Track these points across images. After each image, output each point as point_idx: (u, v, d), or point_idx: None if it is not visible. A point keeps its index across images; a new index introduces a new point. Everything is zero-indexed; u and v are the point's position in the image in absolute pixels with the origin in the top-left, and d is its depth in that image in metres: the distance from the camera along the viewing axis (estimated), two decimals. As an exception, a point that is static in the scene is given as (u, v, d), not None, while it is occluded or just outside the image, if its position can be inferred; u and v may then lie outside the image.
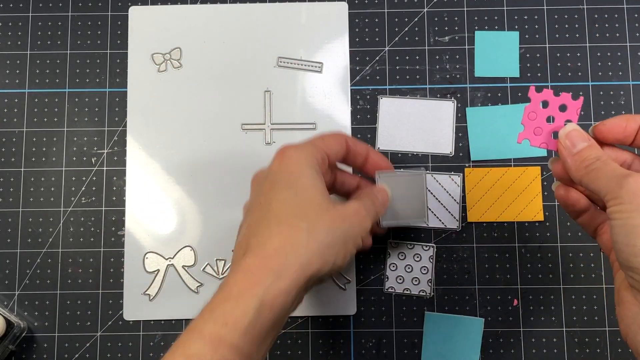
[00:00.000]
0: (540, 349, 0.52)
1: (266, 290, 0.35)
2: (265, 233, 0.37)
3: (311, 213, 0.37)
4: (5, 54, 0.56)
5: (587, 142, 0.38)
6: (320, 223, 0.37)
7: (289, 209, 0.38)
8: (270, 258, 0.36)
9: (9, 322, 0.50)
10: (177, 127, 0.55)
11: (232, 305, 0.34)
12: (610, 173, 0.35)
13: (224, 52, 0.56)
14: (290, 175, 0.39)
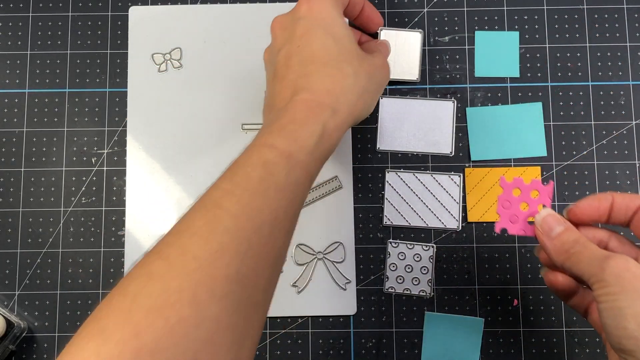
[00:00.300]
0: (540, 349, 0.52)
1: (326, 122, 0.37)
2: (315, 74, 0.39)
3: (353, 60, 0.40)
4: (5, 54, 0.56)
5: (563, 225, 0.38)
6: (361, 70, 0.40)
7: (333, 55, 0.40)
8: (325, 96, 0.38)
9: (9, 322, 0.50)
10: (177, 127, 0.55)
11: (299, 127, 0.36)
12: (590, 256, 0.35)
13: (224, 52, 0.56)
14: (323, 22, 0.40)
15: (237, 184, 0.34)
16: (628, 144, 0.54)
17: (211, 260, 0.31)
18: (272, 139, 0.36)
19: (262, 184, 0.34)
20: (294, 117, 0.37)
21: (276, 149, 0.35)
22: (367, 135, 0.55)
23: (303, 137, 0.36)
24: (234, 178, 0.35)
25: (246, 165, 0.35)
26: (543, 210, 0.40)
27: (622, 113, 0.54)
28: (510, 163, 0.54)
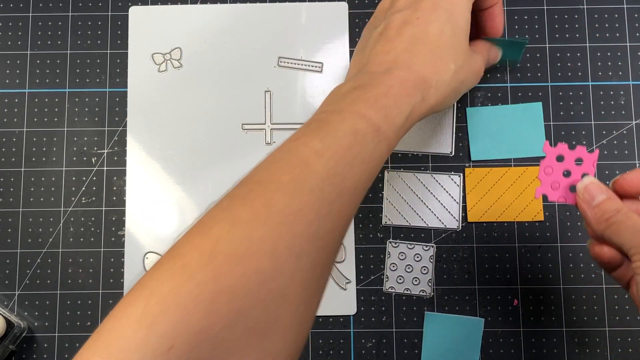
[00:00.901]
0: (540, 349, 0.52)
1: (415, 105, 0.37)
2: (420, 55, 0.39)
3: (460, 57, 0.40)
4: (5, 54, 0.56)
5: (605, 194, 0.38)
6: (462, 70, 0.40)
7: (444, 44, 0.39)
8: (421, 81, 0.38)
9: (9, 322, 0.50)
10: (177, 127, 0.55)
11: (393, 103, 0.36)
12: (633, 227, 0.35)
13: (224, 52, 0.56)
14: (451, 6, 0.40)
15: (327, 147, 0.34)
16: (628, 144, 0.54)
17: (294, 217, 0.31)
18: (365, 109, 0.36)
19: (350, 152, 0.34)
20: (388, 91, 0.37)
21: (368, 121, 0.35)
22: (367, 135, 0.54)
23: (393, 115, 0.36)
24: (325, 140, 0.34)
25: (338, 129, 0.35)
26: (586, 178, 0.40)
27: (622, 113, 0.54)
28: (510, 163, 0.54)
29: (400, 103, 0.37)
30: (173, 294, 0.28)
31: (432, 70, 0.39)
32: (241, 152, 0.54)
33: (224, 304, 0.29)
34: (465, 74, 0.41)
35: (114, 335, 0.29)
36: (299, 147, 0.34)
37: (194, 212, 0.54)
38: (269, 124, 0.55)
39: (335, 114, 0.36)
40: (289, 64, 0.56)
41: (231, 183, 0.54)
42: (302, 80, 0.55)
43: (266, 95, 0.55)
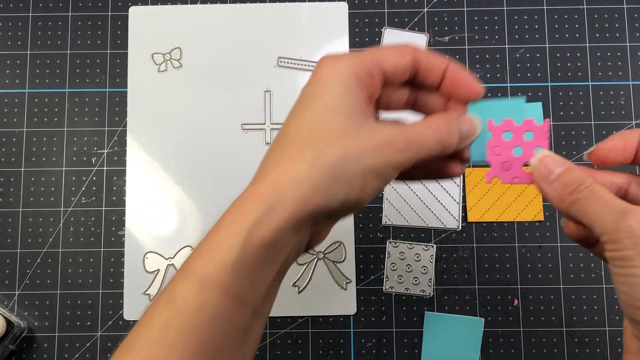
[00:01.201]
0: (540, 349, 0.52)
1: (255, 224, 0.30)
2: (270, 162, 0.33)
3: (324, 139, 0.32)
4: (5, 54, 0.56)
5: (563, 165, 0.33)
6: (330, 152, 0.31)
7: (302, 133, 0.33)
8: (266, 189, 0.31)
9: (9, 322, 0.50)
10: (177, 127, 0.55)
11: (219, 239, 0.31)
12: (602, 206, 0.30)
13: (224, 52, 0.56)
14: (315, 92, 0.34)
15: (137, 335, 0.29)
16: (628, 144, 0.54)
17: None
18: (190, 262, 0.31)
19: (167, 330, 0.29)
20: (217, 227, 0.31)
21: (190, 276, 0.30)
22: (367, 135, 0.54)
23: (221, 252, 0.30)
24: (139, 324, 0.30)
25: (156, 303, 0.30)
26: (539, 151, 0.35)
27: (622, 113, 0.54)
28: (510, 163, 0.54)
29: (229, 235, 0.30)
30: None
31: (283, 168, 0.31)
32: (241, 152, 0.54)
33: None
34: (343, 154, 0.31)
35: None
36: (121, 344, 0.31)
37: (194, 212, 0.54)
38: (269, 124, 0.55)
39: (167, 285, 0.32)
40: (288, 64, 0.56)
41: (231, 183, 0.54)
42: (302, 80, 0.55)
43: (266, 95, 0.55)
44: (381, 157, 0.32)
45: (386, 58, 0.34)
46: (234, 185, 0.54)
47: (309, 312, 0.53)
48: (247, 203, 0.31)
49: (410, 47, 0.35)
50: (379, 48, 0.35)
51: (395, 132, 0.32)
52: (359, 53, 0.34)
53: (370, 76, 0.34)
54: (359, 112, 0.33)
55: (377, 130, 0.32)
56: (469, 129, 0.35)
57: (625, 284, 0.29)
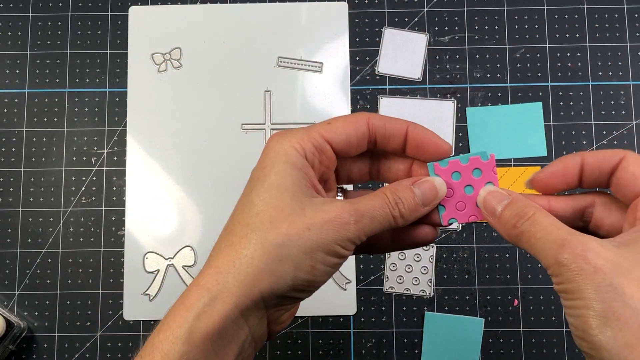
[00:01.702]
0: (540, 349, 0.52)
1: (198, 316, 0.29)
2: (216, 248, 0.32)
3: (266, 221, 0.31)
4: (5, 54, 0.56)
5: (507, 198, 0.32)
6: (273, 233, 0.30)
7: (246, 217, 0.31)
8: (209, 279, 0.30)
9: (9, 322, 0.50)
10: (177, 127, 0.55)
11: (163, 336, 0.29)
12: (543, 239, 0.29)
13: (224, 52, 0.56)
14: (261, 173, 0.32)
15: None
16: (628, 144, 0.54)
17: None
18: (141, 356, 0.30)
19: None
20: (163, 322, 0.30)
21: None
22: (367, 135, 0.54)
23: (164, 352, 0.29)
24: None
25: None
26: (483, 189, 0.34)
27: (622, 113, 0.54)
28: (510, 163, 0.54)
29: (171, 331, 0.29)
30: None
31: (225, 255, 0.30)
32: (241, 152, 0.54)
33: None
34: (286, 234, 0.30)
35: None
36: None
37: (194, 212, 0.54)
38: (269, 124, 0.55)
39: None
40: (288, 64, 0.56)
41: (231, 183, 0.54)
42: (302, 80, 0.55)
43: (266, 95, 0.55)
44: (328, 234, 0.31)
45: (337, 131, 0.33)
46: (234, 185, 0.54)
47: (309, 312, 0.53)
48: (191, 294, 0.30)
49: (363, 115, 0.34)
50: (331, 120, 0.34)
51: (342, 207, 0.31)
52: (308, 128, 0.33)
53: (320, 151, 0.33)
54: (305, 189, 0.32)
55: (323, 207, 0.31)
56: (427, 191, 0.33)
57: (571, 315, 0.28)
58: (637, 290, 0.27)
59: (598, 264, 0.27)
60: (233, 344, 0.30)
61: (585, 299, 0.27)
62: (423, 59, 0.55)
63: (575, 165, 0.32)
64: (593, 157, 0.32)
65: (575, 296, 0.28)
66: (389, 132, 0.34)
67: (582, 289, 0.27)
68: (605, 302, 0.27)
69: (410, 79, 0.55)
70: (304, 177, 0.32)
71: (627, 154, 0.31)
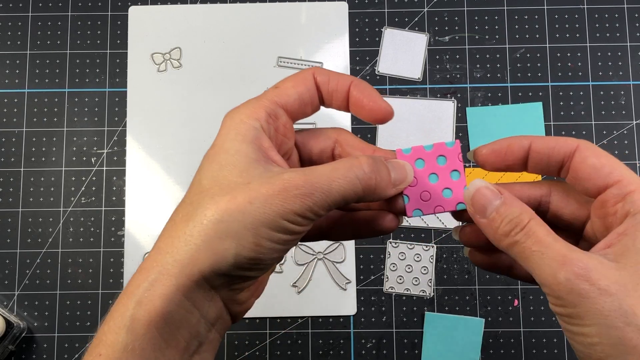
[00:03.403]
0: (540, 349, 0.52)
1: (138, 302, 0.27)
2: (164, 227, 0.30)
3: (208, 197, 0.29)
4: (5, 54, 0.56)
5: (499, 198, 0.29)
6: (212, 209, 0.28)
7: (190, 196, 0.30)
8: (150, 262, 0.28)
9: (8, 322, 0.50)
10: (177, 127, 0.55)
11: (106, 327, 0.28)
12: (539, 254, 0.27)
13: (224, 52, 0.56)
14: (214, 150, 0.32)
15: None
16: (628, 144, 0.54)
17: None
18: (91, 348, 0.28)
19: None
20: (108, 314, 0.29)
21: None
22: (367, 135, 0.55)
23: (108, 344, 0.27)
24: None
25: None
26: (473, 182, 0.31)
27: (622, 113, 0.54)
28: (510, 163, 0.54)
29: (113, 322, 0.28)
30: None
31: (166, 234, 0.29)
32: (241, 152, 0.54)
33: None
34: (226, 208, 0.28)
35: None
36: None
37: (194, 212, 0.54)
38: (269, 124, 0.55)
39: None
40: (288, 63, 0.56)
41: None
42: (302, 80, 0.55)
43: (266, 95, 0.55)
44: (272, 207, 0.28)
45: (288, 92, 0.32)
46: (233, 185, 0.54)
47: (309, 313, 0.53)
48: (133, 280, 0.28)
49: (309, 70, 0.33)
50: (279, 84, 0.33)
51: (290, 178, 0.28)
52: (258, 97, 0.32)
53: (275, 118, 0.32)
54: (258, 162, 0.30)
55: (273, 178, 0.28)
56: (398, 170, 0.31)
57: (579, 343, 0.26)
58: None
59: (602, 285, 0.25)
60: (183, 329, 0.28)
61: (595, 325, 0.25)
62: (423, 59, 0.55)
63: (521, 148, 0.31)
64: (543, 143, 0.30)
65: (582, 322, 0.25)
66: (332, 87, 0.33)
67: (590, 316, 0.25)
68: (618, 329, 0.25)
69: (410, 79, 0.55)
70: (257, 150, 0.30)
71: (580, 144, 0.29)
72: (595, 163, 0.29)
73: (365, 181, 0.29)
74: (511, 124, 0.54)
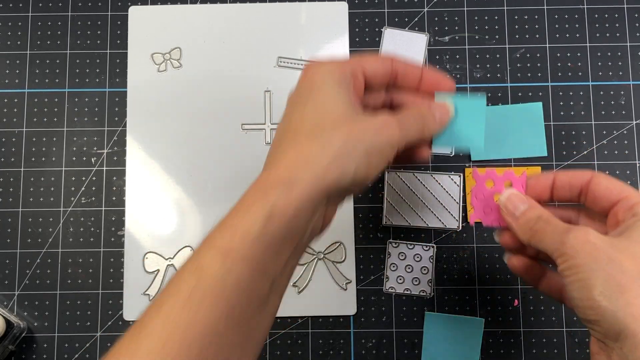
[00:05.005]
0: (540, 349, 0.52)
1: (276, 201, 0.33)
2: (280, 149, 0.36)
3: (328, 126, 0.36)
4: (5, 54, 0.56)
5: (527, 203, 0.39)
6: (336, 135, 0.35)
7: (306, 124, 0.36)
8: (282, 171, 0.34)
9: (8, 322, 0.50)
10: (177, 127, 0.55)
11: (242, 216, 0.33)
12: (553, 231, 0.36)
13: (224, 52, 0.56)
14: (311, 89, 0.37)
15: (164, 300, 0.32)
16: (628, 144, 0.54)
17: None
18: (213, 235, 0.33)
19: (193, 295, 0.32)
20: (240, 207, 0.34)
21: (214, 248, 0.33)
22: (367, 135, 0.54)
23: (244, 228, 0.33)
24: (166, 291, 0.33)
25: (183, 272, 0.33)
26: (506, 190, 0.40)
27: (622, 113, 0.54)
28: (510, 163, 0.54)
29: (251, 212, 0.33)
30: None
31: (294, 153, 0.35)
32: (241, 152, 0.54)
33: None
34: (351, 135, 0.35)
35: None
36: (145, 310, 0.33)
37: (194, 212, 0.54)
38: (269, 124, 0.55)
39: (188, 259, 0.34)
40: (288, 64, 0.56)
41: (231, 183, 0.54)
42: (302, 80, 0.55)
43: (266, 95, 0.55)
44: (381, 137, 0.36)
45: (368, 63, 0.39)
46: (234, 185, 0.54)
47: (308, 313, 0.53)
48: (265, 185, 0.34)
49: (389, 56, 0.41)
50: (362, 55, 0.40)
51: (388, 118, 0.37)
52: (341, 59, 0.39)
53: (355, 76, 0.38)
54: (353, 104, 0.37)
55: (372, 117, 0.37)
56: (443, 113, 0.40)
57: (576, 289, 0.33)
58: (632, 262, 0.32)
59: (597, 242, 0.33)
60: (299, 231, 0.34)
61: (588, 270, 0.32)
62: (423, 59, 0.55)
63: (548, 179, 0.40)
64: (563, 174, 0.39)
65: (579, 270, 0.33)
66: (408, 71, 0.41)
67: (585, 263, 0.33)
68: (606, 271, 0.32)
69: (410, 79, 0.55)
70: (349, 94, 0.37)
71: (594, 174, 0.38)
72: (607, 184, 0.37)
73: (429, 127, 0.39)
74: (511, 124, 0.54)
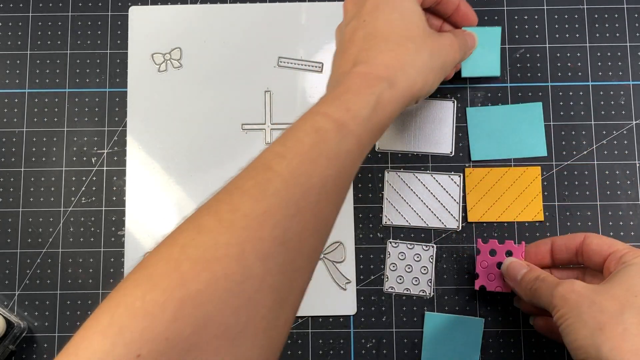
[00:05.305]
0: (540, 349, 0.52)
1: (381, 93, 0.37)
2: (375, 48, 0.39)
3: (417, 36, 0.40)
4: (5, 54, 0.56)
5: (525, 268, 0.45)
6: (424, 46, 0.40)
7: (397, 30, 0.40)
8: (382, 70, 0.38)
9: (9, 322, 0.50)
10: (177, 127, 0.55)
11: (353, 96, 0.36)
12: (546, 287, 0.41)
13: (224, 52, 0.56)
14: (390, 2, 0.41)
15: (289, 148, 0.34)
16: (628, 144, 0.54)
17: (260, 220, 0.31)
18: (325, 108, 0.36)
19: (313, 151, 0.34)
20: (348, 88, 0.37)
21: (329, 117, 0.35)
22: (367, 135, 0.54)
23: (356, 107, 0.36)
24: (287, 142, 0.34)
25: (299, 130, 0.35)
26: (506, 259, 0.47)
27: (622, 113, 0.54)
28: (510, 163, 0.54)
29: (362, 95, 0.36)
30: (139, 303, 0.28)
31: (392, 56, 0.39)
32: (241, 152, 0.54)
33: (191, 309, 0.28)
34: (431, 49, 0.41)
35: (82, 346, 0.28)
36: (264, 154, 0.34)
37: (194, 212, 0.54)
38: (269, 124, 0.55)
39: (298, 120, 0.36)
40: (288, 64, 0.56)
41: (231, 183, 0.54)
42: (302, 80, 0.55)
43: (266, 95, 0.55)
44: (449, 56, 0.43)
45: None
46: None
47: (308, 312, 0.53)
48: (369, 77, 0.37)
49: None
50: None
51: (452, 36, 0.44)
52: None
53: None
54: (425, 21, 0.42)
55: (442, 35, 0.43)
56: (474, 42, 0.50)
57: (566, 334, 0.38)
58: (612, 302, 0.37)
59: (582, 291, 0.38)
60: (387, 124, 0.38)
61: (574, 316, 0.38)
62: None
63: (546, 244, 0.46)
64: (559, 239, 0.45)
65: (567, 317, 0.38)
66: (449, 2, 0.47)
67: (570, 310, 0.38)
68: (588, 314, 0.37)
69: (410, 79, 0.55)
70: (421, 10, 0.43)
71: (586, 235, 0.44)
72: (598, 242, 0.43)
73: (468, 51, 0.49)
74: (511, 124, 0.54)
